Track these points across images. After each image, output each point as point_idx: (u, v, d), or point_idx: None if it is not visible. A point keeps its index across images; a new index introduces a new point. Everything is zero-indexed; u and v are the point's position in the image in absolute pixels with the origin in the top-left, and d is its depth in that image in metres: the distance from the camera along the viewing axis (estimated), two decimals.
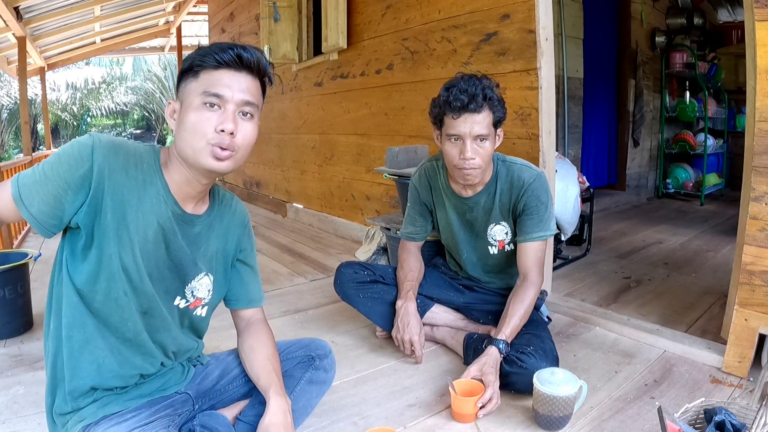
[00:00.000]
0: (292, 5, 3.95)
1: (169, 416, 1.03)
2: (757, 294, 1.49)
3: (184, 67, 0.97)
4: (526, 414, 1.37)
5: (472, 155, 1.50)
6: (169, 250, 1.01)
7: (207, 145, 0.93)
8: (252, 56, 0.96)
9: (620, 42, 4.33)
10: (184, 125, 0.94)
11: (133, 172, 0.94)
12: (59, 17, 5.28)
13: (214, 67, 0.94)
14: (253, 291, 1.22)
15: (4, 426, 1.34)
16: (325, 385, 1.27)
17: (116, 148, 0.93)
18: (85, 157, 0.89)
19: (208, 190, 1.07)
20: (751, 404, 1.11)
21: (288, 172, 4.55)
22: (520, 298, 1.55)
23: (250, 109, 0.97)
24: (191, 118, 0.93)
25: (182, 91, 0.97)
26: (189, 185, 1.00)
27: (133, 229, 0.94)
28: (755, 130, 1.46)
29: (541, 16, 2.05)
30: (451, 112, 1.49)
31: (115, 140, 0.94)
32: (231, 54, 0.94)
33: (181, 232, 1.02)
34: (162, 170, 0.99)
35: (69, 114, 14.88)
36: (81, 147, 0.90)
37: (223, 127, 0.93)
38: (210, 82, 0.93)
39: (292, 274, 2.77)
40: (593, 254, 2.91)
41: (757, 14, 1.42)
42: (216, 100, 0.93)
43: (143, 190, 0.95)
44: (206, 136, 0.93)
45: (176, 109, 0.98)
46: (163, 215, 0.98)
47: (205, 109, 0.93)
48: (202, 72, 0.94)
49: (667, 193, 4.83)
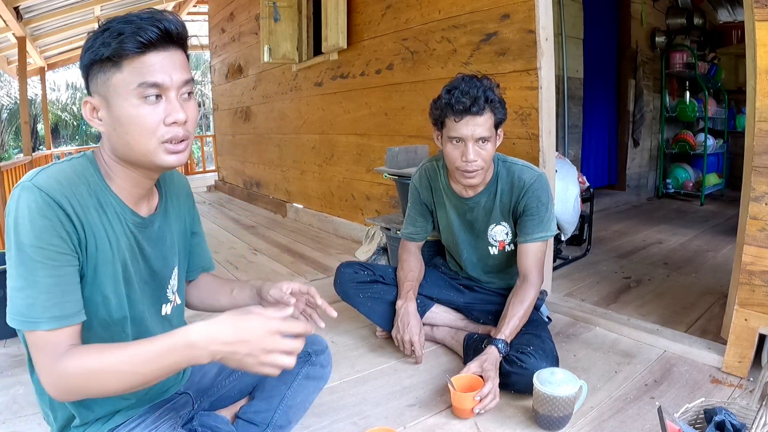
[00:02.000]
0: (292, 5, 3.95)
1: (172, 418, 1.02)
2: (757, 294, 1.49)
3: (93, 57, 0.79)
4: (526, 414, 1.37)
5: (475, 157, 1.51)
6: (146, 263, 0.94)
7: (160, 144, 0.82)
8: (177, 26, 0.82)
9: (620, 42, 4.33)
10: (123, 126, 0.81)
11: (88, 200, 0.82)
12: (59, 17, 5.28)
13: (139, 52, 0.78)
14: (206, 257, 1.18)
15: (4, 426, 1.34)
16: (322, 380, 1.26)
17: (61, 182, 0.79)
18: (60, 217, 0.77)
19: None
20: (751, 404, 1.11)
21: (288, 172, 4.55)
22: (520, 299, 1.55)
23: (188, 87, 0.85)
24: (131, 118, 0.80)
25: (101, 85, 0.81)
26: (138, 186, 0.90)
27: (109, 266, 0.86)
28: (755, 130, 1.46)
29: (541, 16, 2.05)
30: (453, 115, 1.49)
31: (54, 176, 0.79)
32: (155, 30, 0.79)
33: (146, 239, 0.94)
34: (106, 182, 0.87)
35: (69, 114, 14.88)
36: (45, 211, 0.76)
37: (174, 119, 0.82)
38: (140, 71, 0.79)
39: (292, 274, 2.77)
40: (593, 254, 2.91)
41: (757, 14, 1.42)
42: (155, 91, 0.80)
43: (103, 215, 0.85)
44: (156, 133, 0.82)
45: (97, 107, 0.83)
46: (127, 232, 0.89)
47: (145, 103, 0.80)
48: (124, 61, 0.78)
49: (667, 193, 4.83)
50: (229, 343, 0.77)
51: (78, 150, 9.12)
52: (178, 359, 0.77)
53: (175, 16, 0.83)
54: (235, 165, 5.96)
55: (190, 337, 0.76)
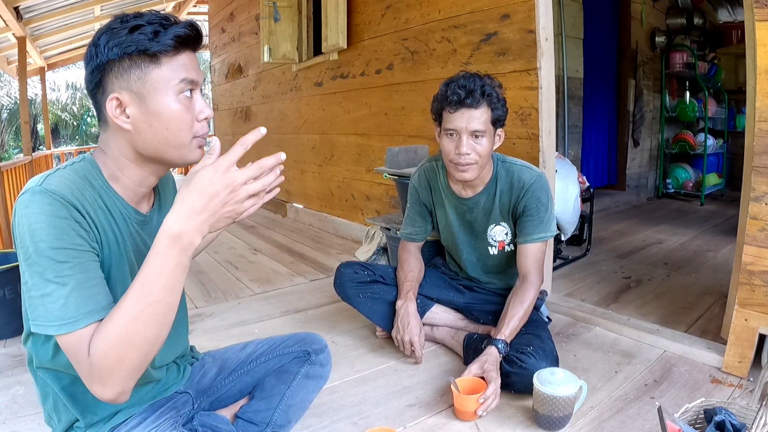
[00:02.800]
0: (292, 5, 3.95)
1: (172, 417, 1.02)
2: (757, 294, 1.49)
3: (126, 50, 0.79)
4: (526, 414, 1.37)
5: (468, 150, 1.50)
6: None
7: (194, 139, 0.86)
8: (200, 30, 0.86)
9: (620, 42, 4.33)
10: (163, 121, 0.83)
11: (95, 202, 0.83)
12: (59, 17, 5.28)
13: (176, 50, 0.82)
14: None
15: (4, 426, 1.34)
16: (322, 380, 1.26)
17: (70, 185, 0.79)
18: (76, 217, 0.77)
19: None
20: (751, 404, 1.11)
21: (288, 172, 4.55)
22: (520, 299, 1.55)
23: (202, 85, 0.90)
24: (173, 113, 0.83)
25: (136, 81, 0.81)
26: (144, 185, 0.91)
27: (119, 268, 0.86)
28: (755, 130, 1.46)
29: (541, 16, 2.05)
30: (448, 107, 1.50)
31: (61, 179, 0.79)
32: (186, 30, 0.82)
33: (147, 235, 0.94)
34: (110, 183, 0.87)
35: (69, 114, 14.88)
36: (61, 211, 0.75)
37: (206, 114, 0.86)
38: (179, 67, 0.83)
39: (292, 274, 2.77)
40: (593, 254, 2.91)
41: (757, 14, 1.42)
42: (191, 87, 0.85)
43: (110, 216, 0.86)
44: (192, 128, 0.85)
45: (126, 103, 0.82)
46: (132, 232, 0.90)
47: (183, 100, 0.84)
48: (163, 57, 0.81)
49: (667, 193, 4.83)
50: (202, 207, 0.74)
51: (78, 150, 9.12)
52: (176, 258, 0.74)
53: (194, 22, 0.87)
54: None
55: (171, 230, 0.74)
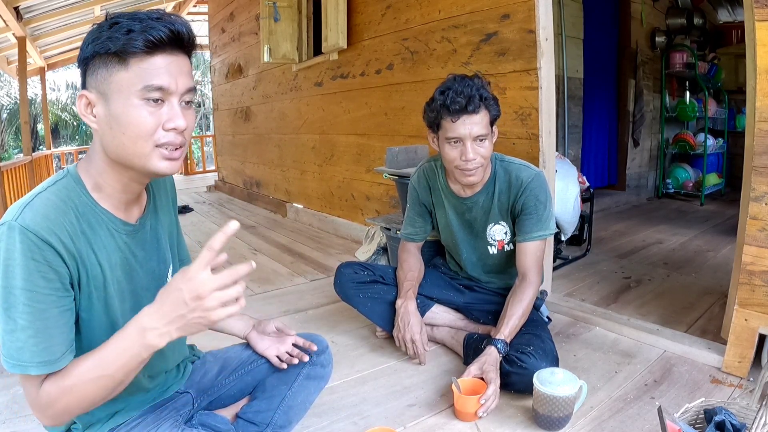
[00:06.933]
0: (292, 5, 3.95)
1: (172, 417, 1.02)
2: (757, 294, 1.49)
3: (98, 49, 0.77)
4: (526, 414, 1.37)
5: (474, 156, 1.51)
6: (143, 268, 0.93)
7: (155, 148, 0.80)
8: (187, 30, 0.80)
9: (620, 42, 4.33)
10: (120, 126, 0.78)
11: (77, 226, 0.81)
12: (59, 17, 5.29)
13: (147, 52, 0.76)
14: (185, 251, 1.16)
15: (4, 426, 1.34)
16: (323, 380, 1.26)
17: (48, 216, 0.77)
18: (48, 257, 0.76)
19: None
20: (751, 404, 1.11)
21: (288, 172, 4.55)
22: (519, 298, 1.55)
23: (190, 95, 0.83)
24: (131, 119, 0.78)
25: (102, 81, 0.78)
26: (128, 191, 0.87)
27: (106, 284, 0.85)
28: (755, 130, 1.46)
29: (541, 16, 2.05)
30: (449, 116, 1.50)
31: (40, 210, 0.77)
32: (166, 31, 0.77)
33: (138, 244, 0.91)
34: (93, 196, 0.84)
35: (69, 114, 14.90)
36: (33, 252, 0.74)
37: (174, 124, 0.80)
38: (147, 72, 0.77)
39: (292, 274, 2.77)
40: (593, 254, 2.91)
41: (757, 14, 1.42)
42: (159, 95, 0.78)
43: (94, 236, 0.83)
44: (153, 137, 0.79)
45: (93, 102, 0.80)
46: (120, 245, 0.88)
47: (146, 105, 0.78)
48: (131, 58, 0.76)
49: (667, 193, 4.83)
50: (169, 312, 0.74)
51: (78, 150, 9.11)
52: (137, 350, 0.76)
53: (177, 16, 0.81)
54: (235, 165, 5.96)
55: (142, 323, 0.76)
